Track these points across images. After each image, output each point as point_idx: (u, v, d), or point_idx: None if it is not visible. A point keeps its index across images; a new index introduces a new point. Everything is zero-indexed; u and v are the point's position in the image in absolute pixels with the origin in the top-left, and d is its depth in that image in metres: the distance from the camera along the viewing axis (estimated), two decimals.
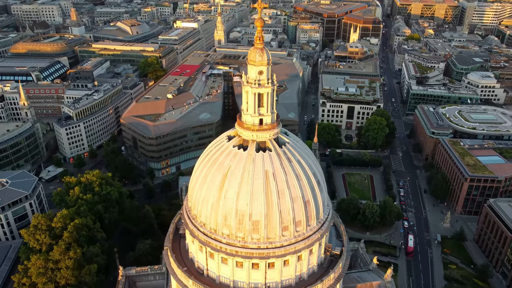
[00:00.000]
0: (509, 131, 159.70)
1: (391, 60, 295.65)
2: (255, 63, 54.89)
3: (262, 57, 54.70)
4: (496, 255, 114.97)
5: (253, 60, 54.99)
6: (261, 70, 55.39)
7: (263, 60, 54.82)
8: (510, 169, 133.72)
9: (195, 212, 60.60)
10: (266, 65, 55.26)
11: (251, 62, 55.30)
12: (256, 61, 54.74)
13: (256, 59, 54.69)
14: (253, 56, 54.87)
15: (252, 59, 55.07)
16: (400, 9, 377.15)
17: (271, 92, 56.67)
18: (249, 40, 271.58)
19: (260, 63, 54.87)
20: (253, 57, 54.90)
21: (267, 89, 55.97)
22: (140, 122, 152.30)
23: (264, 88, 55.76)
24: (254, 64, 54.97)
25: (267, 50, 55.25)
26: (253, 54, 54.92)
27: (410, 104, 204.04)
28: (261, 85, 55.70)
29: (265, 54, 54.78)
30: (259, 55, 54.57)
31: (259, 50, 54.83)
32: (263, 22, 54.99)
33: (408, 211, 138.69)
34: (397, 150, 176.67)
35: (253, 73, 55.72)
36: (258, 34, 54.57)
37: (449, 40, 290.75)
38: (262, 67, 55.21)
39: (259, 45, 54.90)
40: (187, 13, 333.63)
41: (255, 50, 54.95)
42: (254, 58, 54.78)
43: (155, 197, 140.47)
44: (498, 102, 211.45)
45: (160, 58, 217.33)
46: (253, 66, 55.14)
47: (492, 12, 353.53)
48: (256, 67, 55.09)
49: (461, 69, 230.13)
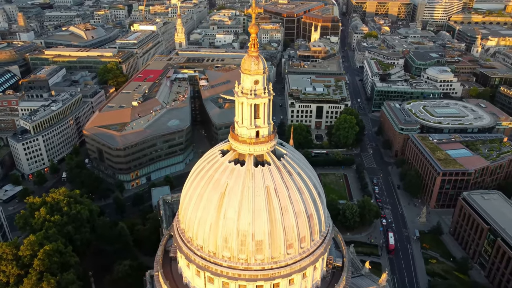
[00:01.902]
0: (471, 124, 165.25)
1: (351, 57, 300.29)
2: (251, 72, 51.27)
3: (258, 66, 51.15)
4: (473, 246, 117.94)
5: (248, 69, 51.31)
6: (256, 79, 51.85)
7: (259, 68, 51.29)
8: (478, 161, 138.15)
9: (190, 235, 56.15)
10: (262, 73, 51.77)
11: (246, 71, 51.58)
12: (252, 70, 51.11)
13: (251, 68, 51.05)
14: (248, 65, 51.20)
15: (247, 68, 51.37)
16: (356, 7, 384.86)
17: (267, 102, 53.22)
18: (210, 42, 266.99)
19: (256, 72, 51.31)
20: (248, 66, 51.21)
21: (264, 99, 52.56)
22: (105, 133, 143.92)
23: (261, 99, 52.31)
24: (250, 73, 51.32)
25: (262, 57, 51.78)
26: (248, 62, 51.24)
27: (375, 101, 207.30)
28: (257, 96, 52.18)
29: (261, 62, 51.30)
30: (255, 64, 50.99)
31: (254, 58, 51.26)
32: (258, 28, 51.42)
33: (385, 208, 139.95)
34: (367, 147, 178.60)
35: (248, 83, 52.08)
36: (253, 41, 50.88)
37: (405, 37, 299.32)
38: (258, 76, 51.67)
39: (254, 53, 51.32)
40: (143, 16, 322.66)
41: (250, 58, 51.32)
42: (249, 67, 51.12)
43: (127, 211, 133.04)
44: (456, 95, 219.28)
45: (120, 64, 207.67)
46: (248, 75, 51.50)
47: (441, 9, 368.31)
48: (252, 77, 51.48)
49: (420, 64, 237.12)
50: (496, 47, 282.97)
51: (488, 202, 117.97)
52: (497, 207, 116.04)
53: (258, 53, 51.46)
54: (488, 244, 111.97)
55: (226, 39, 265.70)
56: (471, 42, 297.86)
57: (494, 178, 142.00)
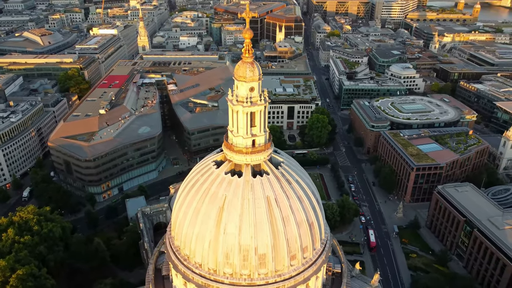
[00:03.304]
0: (438, 118, 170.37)
1: (316, 57, 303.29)
2: (246, 79, 48.99)
3: (253, 72, 48.98)
4: (450, 238, 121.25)
5: (243, 76, 49.00)
6: (252, 86, 49.66)
7: (254, 75, 49.13)
8: (448, 155, 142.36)
9: (187, 252, 53.17)
10: (257, 80, 49.63)
11: (240, 78, 49.25)
12: (247, 77, 48.86)
13: (246, 75, 48.80)
14: (243, 72, 48.90)
15: (241, 74, 49.05)
16: (317, 7, 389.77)
17: (263, 109, 51.17)
18: (174, 45, 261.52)
19: (251, 79, 49.09)
20: (243, 73, 48.92)
21: (260, 106, 50.45)
22: (72, 144, 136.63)
23: (257, 106, 50.16)
24: (245, 80, 49.04)
25: (257, 63, 49.64)
26: (243, 69, 48.94)
27: (344, 99, 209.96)
28: (253, 103, 49.99)
29: (256, 68, 49.16)
30: (250, 70, 48.78)
31: (249, 64, 49.02)
32: (252, 33, 49.25)
33: (362, 205, 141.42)
34: (339, 146, 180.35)
35: (243, 90, 49.78)
36: (247, 47, 48.64)
37: (366, 35, 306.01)
38: (253, 83, 49.49)
39: (249, 59, 49.08)
40: (102, 19, 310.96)
41: (245, 64, 49.03)
42: (244, 74, 48.83)
43: (100, 225, 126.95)
44: (419, 91, 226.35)
45: (81, 70, 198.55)
46: (244, 82, 49.19)
47: (398, 7, 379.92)
48: (247, 84, 49.23)
49: (383, 62, 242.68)
50: (452, 43, 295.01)
51: (462, 195, 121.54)
52: (470, 199, 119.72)
53: (253, 59, 49.27)
54: (465, 236, 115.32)
55: (190, 42, 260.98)
56: (428, 39, 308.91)
57: (463, 170, 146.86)
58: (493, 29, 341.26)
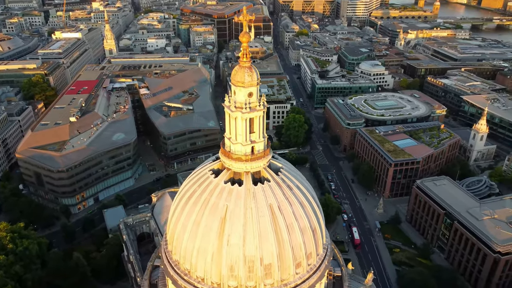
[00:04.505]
0: (410, 114, 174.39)
1: (286, 56, 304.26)
2: (244, 84, 47.20)
3: (252, 77, 47.28)
4: (430, 231, 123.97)
5: (241, 81, 47.20)
6: (251, 91, 47.96)
7: (253, 80, 47.44)
8: (423, 149, 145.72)
9: (187, 266, 50.85)
10: (256, 85, 47.97)
11: (239, 83, 47.42)
12: (246, 82, 47.09)
13: (245, 80, 47.02)
14: (241, 77, 47.09)
15: (240, 80, 47.23)
16: (283, 6, 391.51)
17: (263, 115, 49.59)
18: (142, 47, 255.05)
19: (250, 84, 47.37)
20: (241, 78, 47.12)
21: (259, 112, 48.84)
22: (43, 154, 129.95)
23: (256, 112, 48.53)
24: (243, 86, 47.23)
25: (255, 68, 47.97)
26: (241, 74, 47.14)
27: (317, 98, 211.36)
28: (252, 109, 48.30)
29: (254, 72, 47.49)
30: (248, 75, 47.04)
31: (247, 69, 47.26)
32: (250, 37, 47.56)
33: (343, 203, 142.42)
34: (316, 145, 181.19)
35: (242, 96, 47.98)
36: (244, 51, 46.89)
37: (334, 33, 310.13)
38: (252, 88, 47.80)
39: (246, 63, 47.32)
40: (63, 22, 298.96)
41: (242, 69, 47.22)
42: (243, 79, 47.03)
43: (77, 238, 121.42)
44: (388, 87, 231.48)
45: (46, 76, 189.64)
46: (242, 88, 47.37)
47: (362, 5, 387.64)
48: (246, 89, 47.46)
49: (352, 59, 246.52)
50: (416, 40, 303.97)
51: (440, 188, 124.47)
52: (448, 191, 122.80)
53: (251, 63, 47.59)
54: (445, 228, 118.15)
55: (158, 44, 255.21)
56: (393, 36, 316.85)
57: (437, 164, 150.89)
58: (453, 25, 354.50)
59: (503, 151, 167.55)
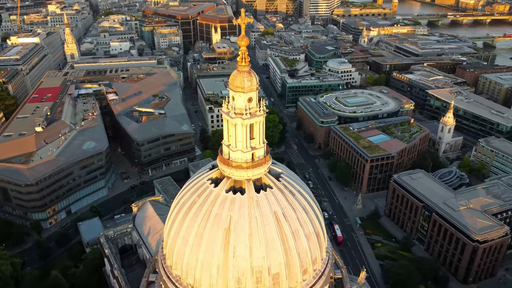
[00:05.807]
0: (381, 110, 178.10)
1: (252, 56, 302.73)
2: (244, 90, 45.51)
3: (251, 82, 45.67)
4: (409, 224, 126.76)
5: (240, 87, 45.46)
6: (250, 97, 46.35)
7: (252, 84, 45.86)
8: (396, 144, 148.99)
9: (190, 281, 48.63)
10: (255, 90, 46.42)
11: (238, 88, 45.66)
12: (245, 87, 45.42)
13: (244, 85, 45.33)
14: (240, 82, 45.36)
15: (239, 85, 45.48)
16: (246, 6, 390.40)
17: (263, 120, 48.09)
18: (105, 51, 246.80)
19: (249, 89, 45.76)
20: (241, 83, 45.38)
21: (259, 117, 47.28)
22: (8, 168, 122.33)
23: (257, 117, 46.94)
24: (243, 91, 45.53)
25: (254, 72, 46.36)
26: (240, 79, 45.41)
27: (289, 97, 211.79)
28: (252, 115, 46.68)
29: (254, 77, 45.91)
30: (248, 80, 45.41)
31: (246, 73, 45.60)
32: (248, 40, 45.84)
33: (323, 201, 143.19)
34: (291, 144, 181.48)
35: (241, 102, 46.25)
36: (243, 55, 45.19)
37: (298, 32, 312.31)
38: (251, 93, 46.21)
39: (245, 68, 45.66)
40: (18, 27, 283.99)
41: (242, 74, 45.52)
42: (242, 84, 45.32)
43: (52, 254, 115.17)
44: (356, 84, 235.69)
45: (4, 84, 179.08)
46: (241, 93, 45.65)
47: (324, 4, 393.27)
48: (245, 94, 45.78)
49: (319, 58, 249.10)
50: (378, 37, 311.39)
51: (416, 181, 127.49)
52: (424, 184, 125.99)
53: (250, 68, 45.97)
54: (424, 220, 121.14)
55: (122, 47, 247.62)
56: (356, 34, 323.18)
57: (410, 158, 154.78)
58: (411, 21, 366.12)
59: (469, 142, 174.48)
